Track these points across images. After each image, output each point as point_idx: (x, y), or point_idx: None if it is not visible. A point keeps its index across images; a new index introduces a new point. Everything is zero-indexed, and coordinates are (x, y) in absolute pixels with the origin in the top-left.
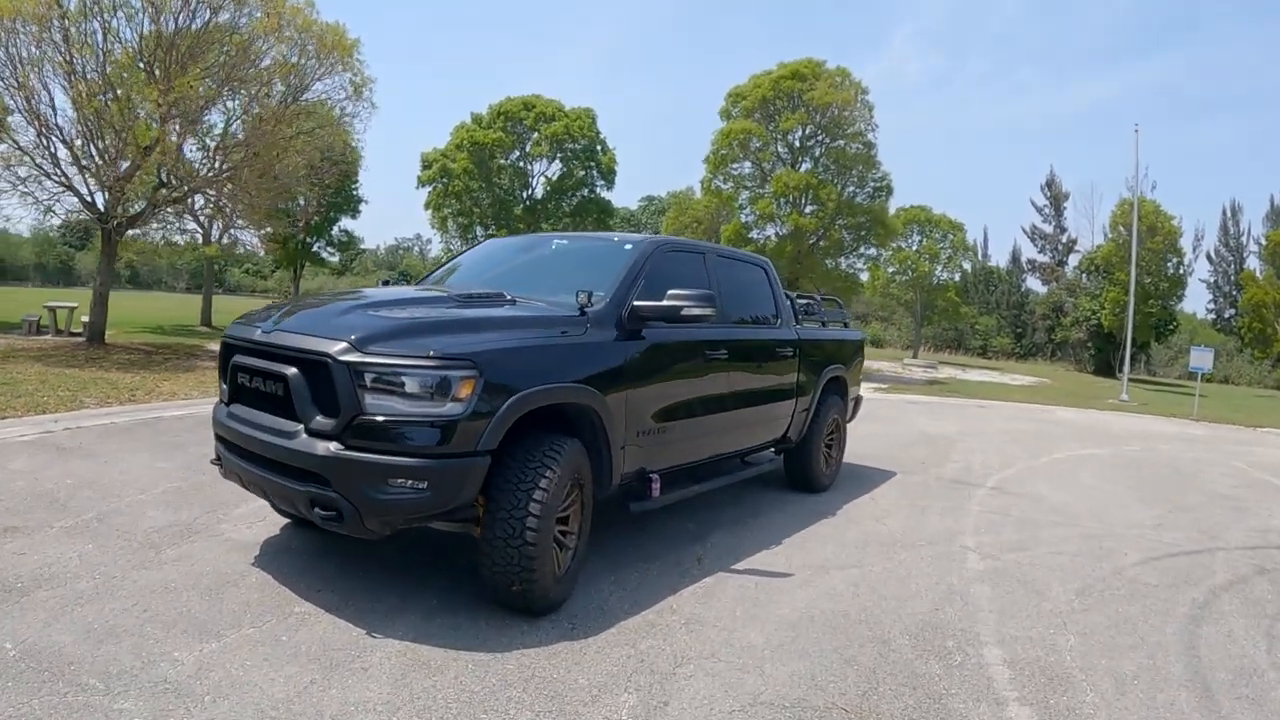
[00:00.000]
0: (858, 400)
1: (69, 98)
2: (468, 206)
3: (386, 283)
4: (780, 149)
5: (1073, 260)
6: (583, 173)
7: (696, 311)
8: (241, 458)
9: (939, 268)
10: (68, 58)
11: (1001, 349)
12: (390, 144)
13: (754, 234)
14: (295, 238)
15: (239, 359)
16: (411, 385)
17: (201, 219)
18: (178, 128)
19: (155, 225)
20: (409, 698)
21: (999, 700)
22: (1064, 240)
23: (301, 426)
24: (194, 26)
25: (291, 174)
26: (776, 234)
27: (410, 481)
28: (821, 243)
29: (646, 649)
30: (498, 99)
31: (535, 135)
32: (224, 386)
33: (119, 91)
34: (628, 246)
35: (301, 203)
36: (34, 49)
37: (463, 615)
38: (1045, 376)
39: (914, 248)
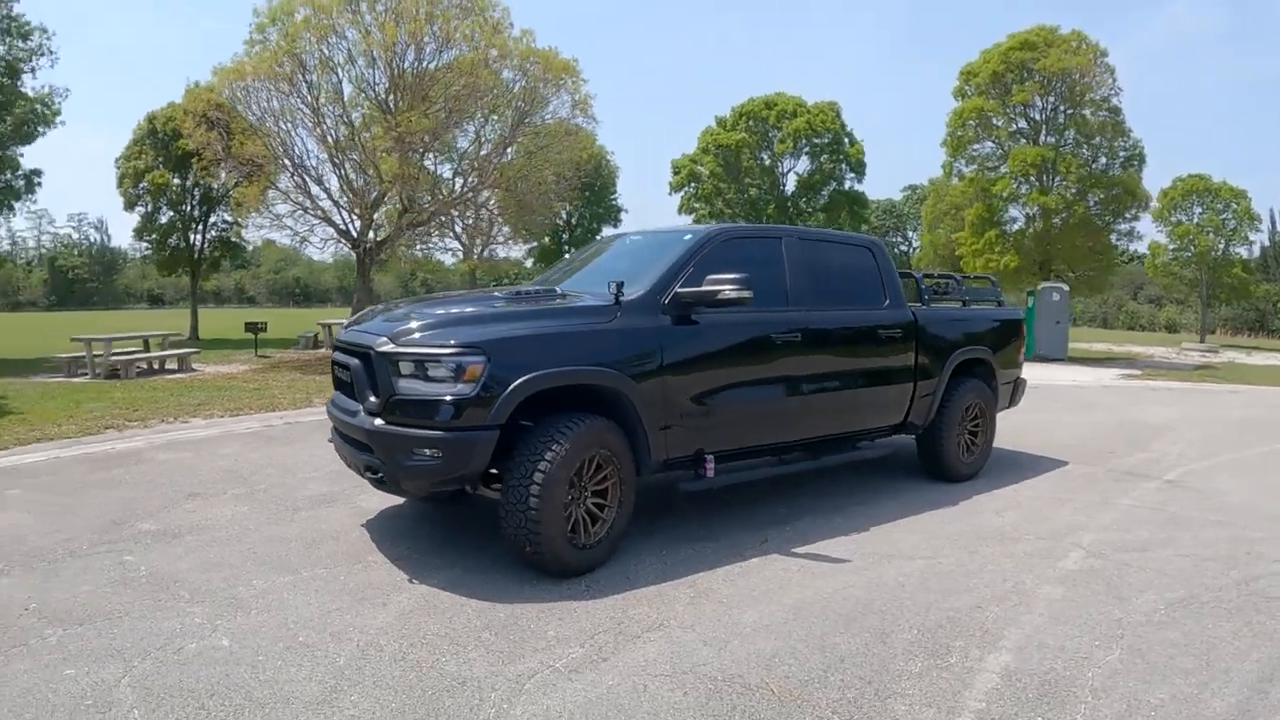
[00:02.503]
0: (1017, 384)
1: (316, 140)
2: (719, 209)
3: (499, 283)
4: (1022, 124)
5: None
6: (830, 166)
7: (732, 295)
8: (337, 434)
9: (1223, 241)
10: (313, 106)
11: None
12: (646, 152)
13: (1001, 216)
14: (561, 249)
15: (335, 355)
16: (432, 370)
17: (462, 237)
18: (414, 158)
19: (404, 245)
20: (400, 626)
21: (952, 710)
22: None
23: (361, 407)
24: (427, 66)
25: (536, 190)
26: (1026, 214)
27: (429, 450)
28: (1070, 220)
29: (634, 614)
30: (741, 100)
31: (779, 133)
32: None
33: (360, 134)
34: (687, 237)
35: (564, 215)
36: (282, 101)
37: (498, 574)
38: None
39: (1194, 220)
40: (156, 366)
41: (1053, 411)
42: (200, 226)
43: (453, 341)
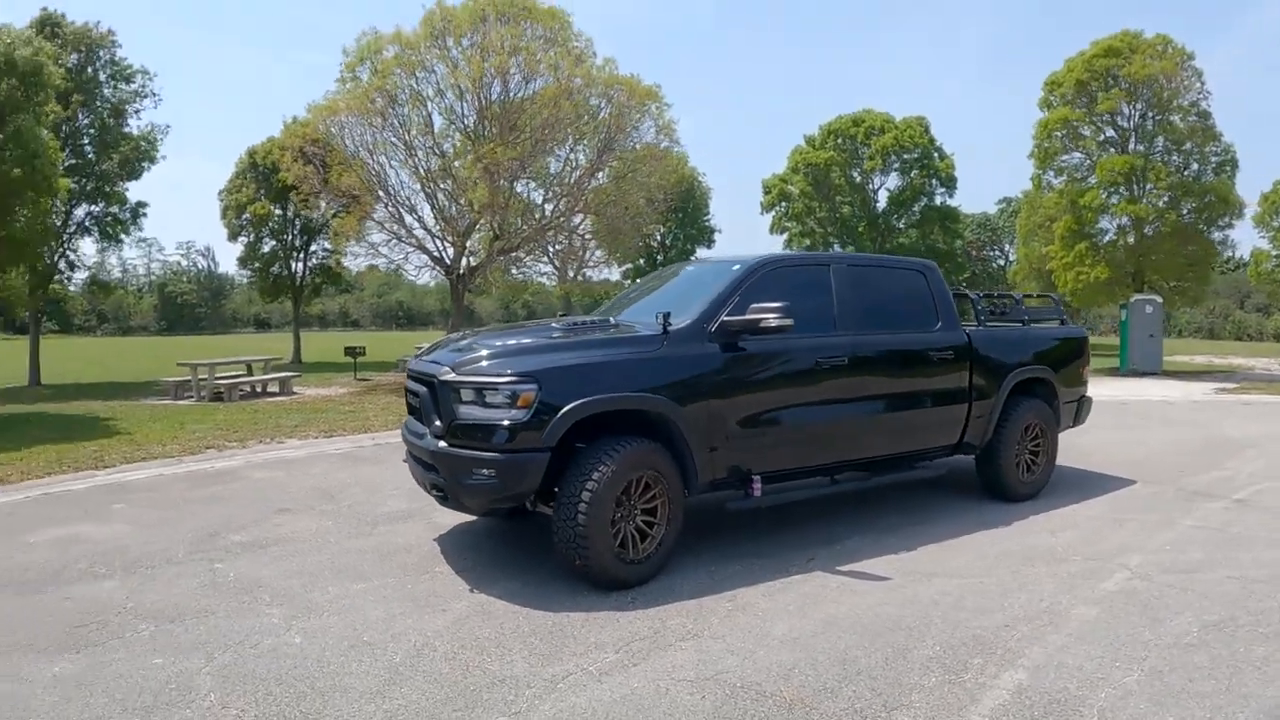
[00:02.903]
0: (1082, 402)
1: (408, 171)
2: (810, 227)
3: (563, 315)
4: (1110, 133)
5: None
6: (921, 182)
7: (775, 323)
8: (410, 455)
9: None
10: (404, 139)
11: None
12: (739, 173)
13: (1091, 228)
14: (656, 270)
15: (407, 383)
16: (490, 397)
17: (555, 260)
18: (502, 186)
19: (497, 270)
20: (454, 630)
21: None
22: None
23: (428, 430)
24: (514, 97)
25: (625, 214)
26: (1116, 225)
27: (487, 471)
28: (1161, 229)
29: (671, 624)
30: (829, 118)
31: (867, 150)
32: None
33: (452, 164)
34: (735, 267)
35: (658, 237)
36: (374, 135)
37: (552, 586)
38: None
39: None
40: (259, 390)
41: (1130, 428)
42: (301, 255)
43: (508, 371)
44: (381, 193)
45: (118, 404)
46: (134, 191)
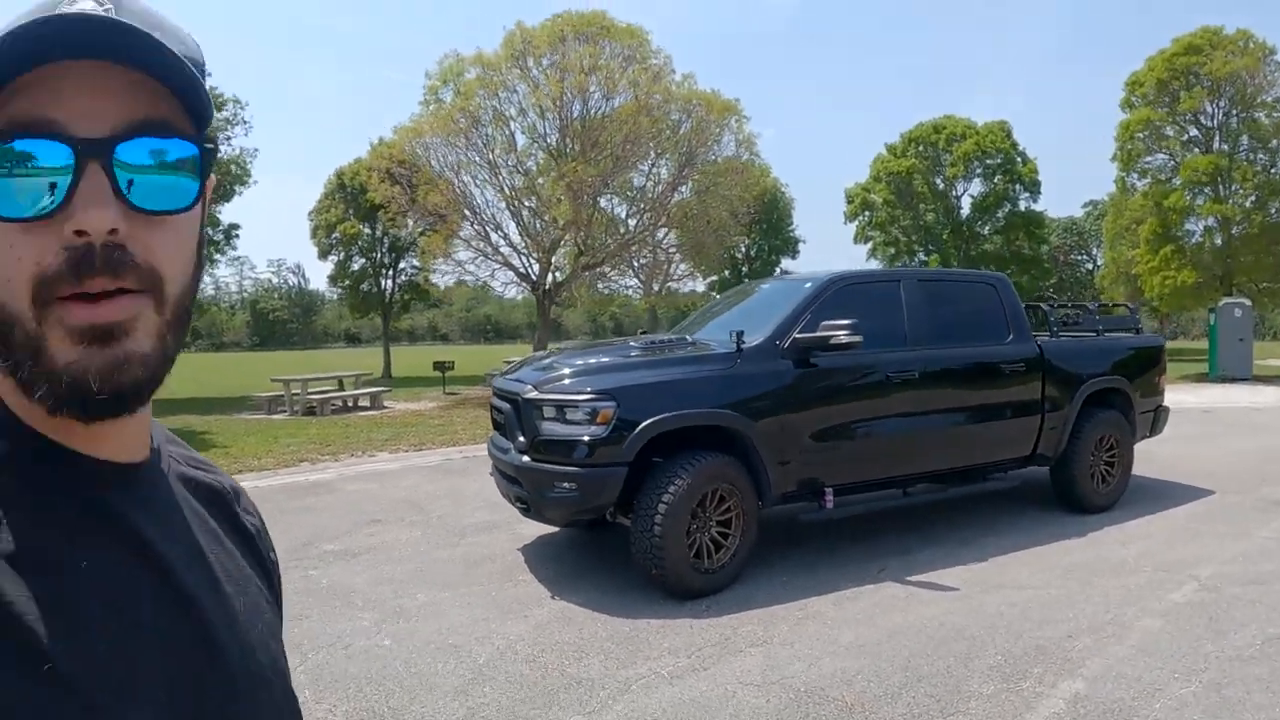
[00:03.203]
0: (1158, 412)
1: (493, 190)
2: (894, 236)
3: (643, 332)
4: (1193, 132)
5: None
6: (1004, 187)
7: (844, 340)
8: (496, 469)
9: None
10: (488, 158)
11: None
12: (822, 183)
13: (1176, 230)
14: (741, 282)
15: (492, 400)
16: (570, 414)
17: (640, 274)
18: (585, 203)
19: (582, 286)
20: (535, 634)
21: None
22: None
23: (511, 445)
24: (594, 114)
25: (708, 227)
26: (1204, 227)
27: (567, 484)
28: (1248, 230)
29: (742, 631)
30: (909, 126)
31: (949, 157)
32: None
33: (535, 181)
34: (807, 285)
35: (742, 249)
36: (459, 155)
37: (631, 594)
38: None
39: None
40: (350, 404)
41: (1214, 436)
42: (390, 272)
43: (588, 389)
44: (467, 211)
45: (213, 419)
46: (226, 213)
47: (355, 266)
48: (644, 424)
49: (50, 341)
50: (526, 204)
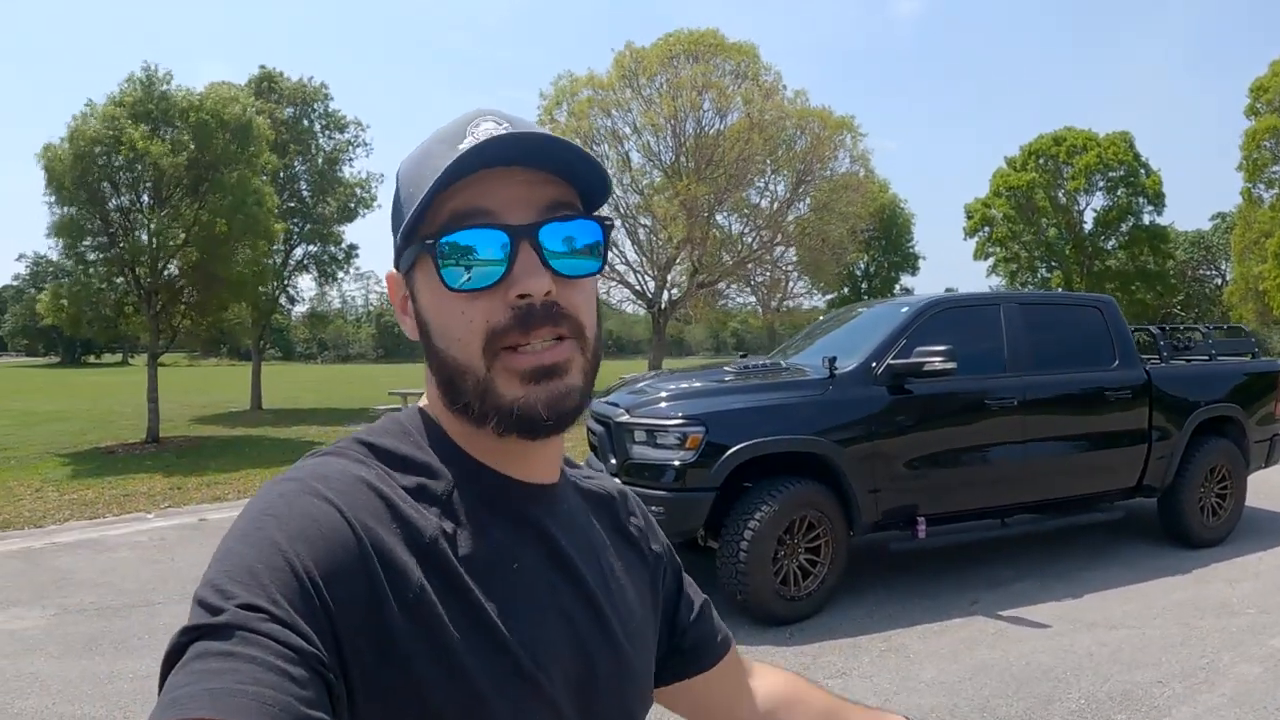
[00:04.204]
0: (1275, 441)
1: (609, 208)
2: (1014, 252)
3: (744, 355)
4: None
5: None
6: (1127, 200)
7: (939, 366)
8: None
9: None
10: None
11: None
12: (943, 198)
13: None
14: (860, 298)
15: (588, 423)
16: (660, 438)
17: (759, 290)
18: (699, 221)
19: (698, 303)
20: None
21: None
22: None
23: (604, 467)
24: (707, 131)
25: (824, 244)
26: None
27: (656, 508)
28: None
29: (822, 661)
30: (1029, 138)
31: (1070, 169)
32: None
33: (651, 199)
34: (903, 309)
35: (862, 265)
36: None
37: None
38: None
39: None
40: None
41: None
42: None
43: (678, 413)
44: None
45: (331, 429)
46: (350, 232)
47: None
48: (732, 450)
49: (497, 384)
50: (643, 222)
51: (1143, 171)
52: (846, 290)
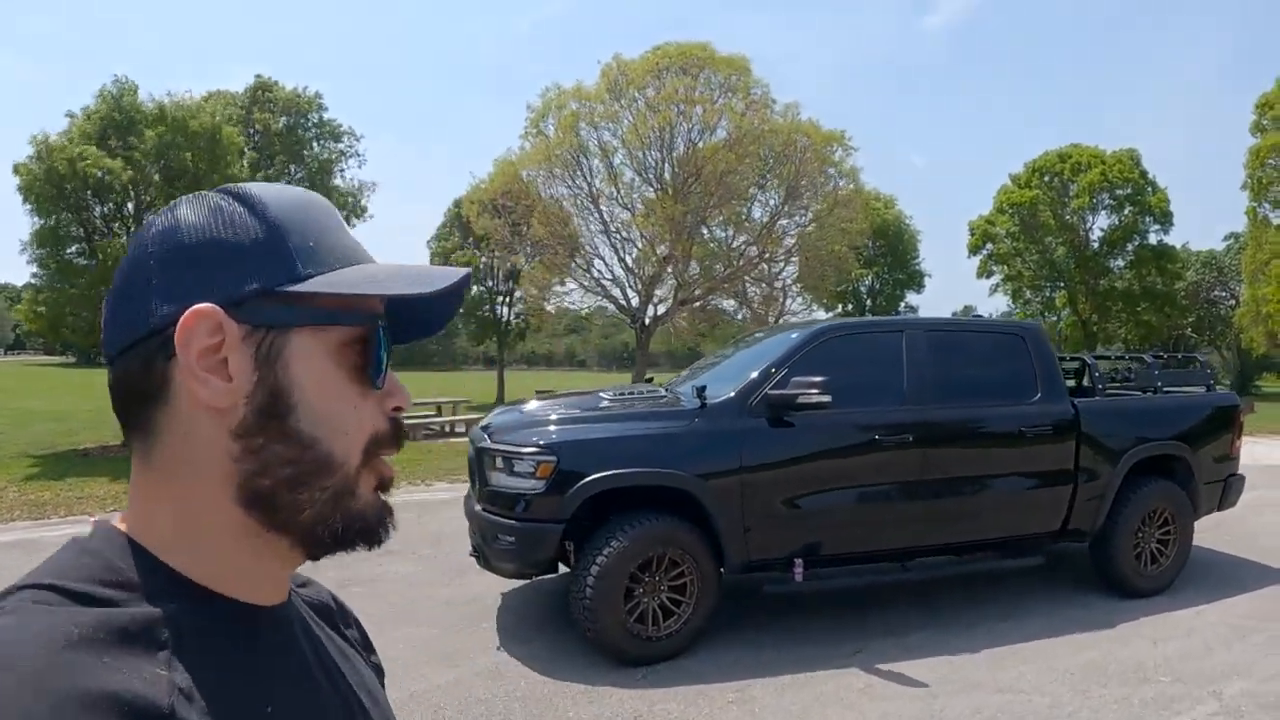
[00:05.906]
0: (1230, 482)
1: (596, 222)
2: (1018, 270)
3: (650, 379)
4: None
5: None
6: (1133, 219)
7: (813, 399)
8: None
9: None
10: (589, 190)
11: None
12: (948, 215)
13: None
14: (864, 315)
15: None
16: (516, 466)
17: (756, 305)
18: (682, 239)
19: (682, 319)
20: (454, 686)
21: None
22: None
23: (472, 492)
24: (695, 144)
25: (820, 259)
26: None
27: (509, 537)
28: None
29: (659, 709)
30: (1034, 155)
31: (1075, 187)
32: None
33: (636, 214)
34: (793, 336)
35: (867, 281)
36: (561, 187)
37: (578, 653)
38: None
39: None
40: (446, 429)
41: None
42: (507, 300)
43: (534, 441)
44: (569, 240)
45: None
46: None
47: (473, 293)
48: (582, 482)
49: (360, 488)
50: (627, 236)
51: (1149, 189)
52: (850, 306)
